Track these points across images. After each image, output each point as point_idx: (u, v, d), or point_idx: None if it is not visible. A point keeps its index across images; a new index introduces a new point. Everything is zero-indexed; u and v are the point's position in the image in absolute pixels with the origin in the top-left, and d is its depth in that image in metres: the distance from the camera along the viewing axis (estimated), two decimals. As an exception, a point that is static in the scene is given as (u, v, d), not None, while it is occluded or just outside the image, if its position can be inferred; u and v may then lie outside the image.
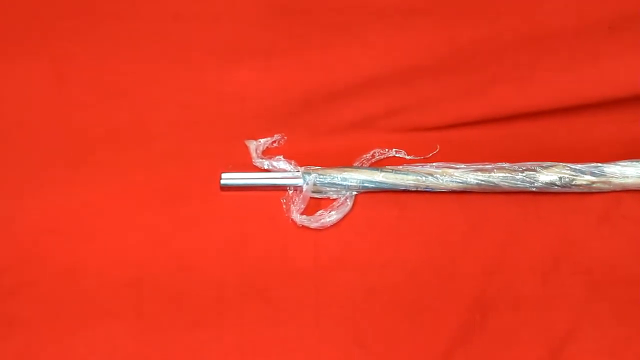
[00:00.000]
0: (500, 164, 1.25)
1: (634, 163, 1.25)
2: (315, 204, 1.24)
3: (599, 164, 1.25)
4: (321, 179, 1.23)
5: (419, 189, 1.23)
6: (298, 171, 1.25)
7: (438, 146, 1.32)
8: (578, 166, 1.24)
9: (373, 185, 1.23)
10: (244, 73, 1.28)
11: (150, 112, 1.32)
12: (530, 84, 1.31)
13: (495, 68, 1.29)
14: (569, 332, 1.11)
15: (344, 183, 1.23)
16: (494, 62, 1.29)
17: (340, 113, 1.32)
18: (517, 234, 1.22)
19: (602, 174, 1.24)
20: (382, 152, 1.31)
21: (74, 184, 1.26)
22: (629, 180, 1.25)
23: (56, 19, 1.25)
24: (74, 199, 1.24)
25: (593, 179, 1.24)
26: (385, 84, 1.30)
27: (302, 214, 1.21)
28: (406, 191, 1.24)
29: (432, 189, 1.23)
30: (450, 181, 1.23)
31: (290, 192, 1.24)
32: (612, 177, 1.24)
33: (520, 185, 1.23)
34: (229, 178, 1.25)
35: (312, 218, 1.21)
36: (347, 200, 1.23)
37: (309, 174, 1.23)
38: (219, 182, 1.24)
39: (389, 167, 1.25)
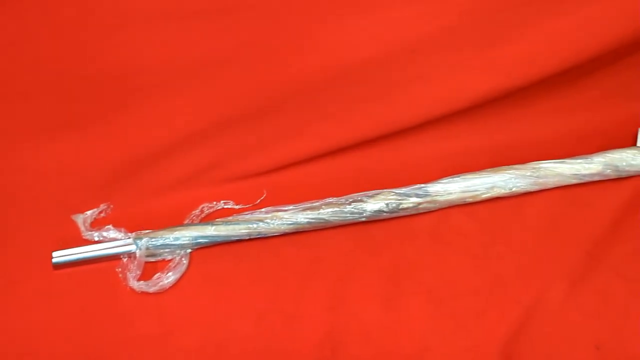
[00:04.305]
0: (327, 200, 1.27)
1: (455, 179, 1.29)
2: (152, 268, 1.22)
3: (422, 185, 1.28)
4: (153, 242, 1.21)
5: (252, 237, 1.24)
6: (129, 237, 1.23)
7: (265, 191, 1.33)
8: (402, 190, 1.27)
9: (206, 240, 1.23)
10: (59, 146, 1.26)
11: None
12: (345, 117, 1.34)
13: (308, 107, 1.32)
14: (418, 353, 1.13)
15: (177, 242, 1.22)
16: (306, 101, 1.31)
17: (162, 173, 1.32)
18: (355, 265, 1.23)
19: (427, 194, 1.27)
20: (210, 205, 1.31)
21: None
22: (453, 196, 1.28)
23: None
24: None
25: (419, 200, 1.27)
26: (203, 138, 1.30)
27: (139, 280, 1.19)
28: (240, 241, 1.24)
29: (265, 234, 1.24)
30: (282, 224, 1.24)
31: (125, 259, 1.22)
32: (437, 195, 1.28)
33: (350, 217, 1.25)
34: (61, 255, 1.21)
35: (150, 282, 1.19)
36: (183, 259, 1.22)
37: (140, 239, 1.22)
38: (51, 261, 1.21)
39: (219, 219, 1.25)
